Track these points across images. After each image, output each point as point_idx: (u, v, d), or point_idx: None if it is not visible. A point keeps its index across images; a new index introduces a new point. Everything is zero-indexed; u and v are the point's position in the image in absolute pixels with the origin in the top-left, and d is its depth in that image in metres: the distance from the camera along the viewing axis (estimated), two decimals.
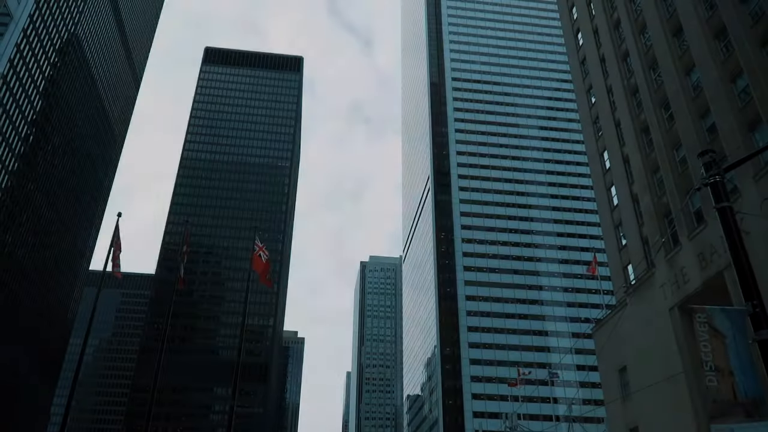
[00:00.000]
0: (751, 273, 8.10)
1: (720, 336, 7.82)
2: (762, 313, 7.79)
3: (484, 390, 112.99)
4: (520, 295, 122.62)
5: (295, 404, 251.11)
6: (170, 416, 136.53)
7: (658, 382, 32.24)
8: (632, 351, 40.27)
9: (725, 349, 7.72)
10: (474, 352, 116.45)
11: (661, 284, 37.70)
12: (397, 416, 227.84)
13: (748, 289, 7.98)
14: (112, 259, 28.51)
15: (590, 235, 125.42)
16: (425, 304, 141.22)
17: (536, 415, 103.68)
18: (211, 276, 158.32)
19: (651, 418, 37.84)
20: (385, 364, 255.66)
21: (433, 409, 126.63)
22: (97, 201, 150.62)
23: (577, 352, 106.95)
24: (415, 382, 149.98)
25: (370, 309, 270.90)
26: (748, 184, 28.94)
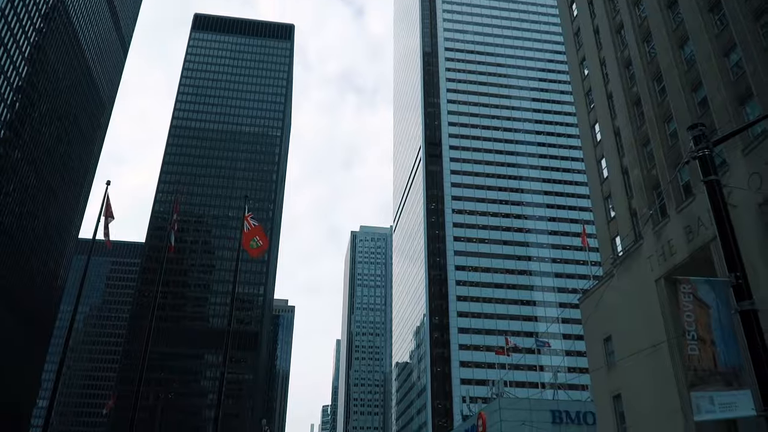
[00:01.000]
0: (736, 245, 8.29)
1: (704, 306, 8.03)
2: (745, 284, 8.00)
3: (472, 358, 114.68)
4: (509, 266, 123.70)
5: (285, 371, 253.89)
6: (161, 382, 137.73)
7: (642, 350, 32.90)
8: (618, 321, 40.97)
9: (708, 319, 7.94)
10: (462, 320, 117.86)
11: (648, 256, 38.20)
12: (386, 383, 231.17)
13: (732, 260, 8.17)
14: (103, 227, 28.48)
15: (579, 207, 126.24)
16: (415, 274, 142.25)
17: (522, 382, 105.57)
18: (201, 245, 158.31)
19: (634, 386, 38.71)
20: (375, 332, 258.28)
21: (422, 376, 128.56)
22: (86, 169, 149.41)
23: (563, 321, 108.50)
24: (404, 349, 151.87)
25: (360, 278, 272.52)
26: (737, 158, 29.19)
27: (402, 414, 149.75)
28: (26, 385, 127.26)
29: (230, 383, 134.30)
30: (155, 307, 27.48)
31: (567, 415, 68.45)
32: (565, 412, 68.87)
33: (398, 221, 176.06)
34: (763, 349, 7.60)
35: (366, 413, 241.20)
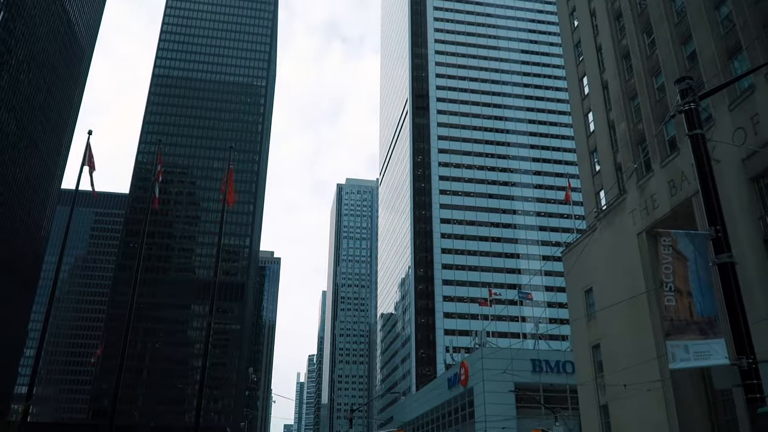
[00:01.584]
0: (717, 200, 8.41)
1: (682, 259, 8.19)
2: (724, 238, 8.16)
3: (456, 309, 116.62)
4: (494, 219, 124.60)
5: (271, 321, 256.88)
6: (149, 332, 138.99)
7: (622, 301, 33.62)
8: (599, 273, 41.70)
9: (686, 271, 8.11)
10: (447, 272, 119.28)
11: (631, 210, 38.63)
12: (371, 333, 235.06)
13: (712, 214, 8.30)
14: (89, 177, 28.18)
15: (565, 161, 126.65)
16: (400, 226, 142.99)
17: (504, 332, 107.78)
18: (186, 196, 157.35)
19: (612, 336, 39.69)
20: (360, 283, 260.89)
21: (406, 327, 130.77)
22: (66, 118, 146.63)
23: (546, 274, 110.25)
24: (389, 301, 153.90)
25: (346, 230, 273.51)
26: (723, 113, 29.26)
27: (387, 363, 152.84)
28: (13, 335, 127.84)
29: (217, 333, 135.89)
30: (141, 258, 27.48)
31: (547, 364, 70.25)
32: (545, 361, 70.67)
33: (384, 174, 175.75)
34: (738, 301, 7.80)
35: (351, 362, 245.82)
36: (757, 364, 7.34)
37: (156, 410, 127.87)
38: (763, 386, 7.23)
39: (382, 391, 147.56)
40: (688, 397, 34.15)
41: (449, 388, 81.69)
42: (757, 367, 7.31)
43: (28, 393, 23.06)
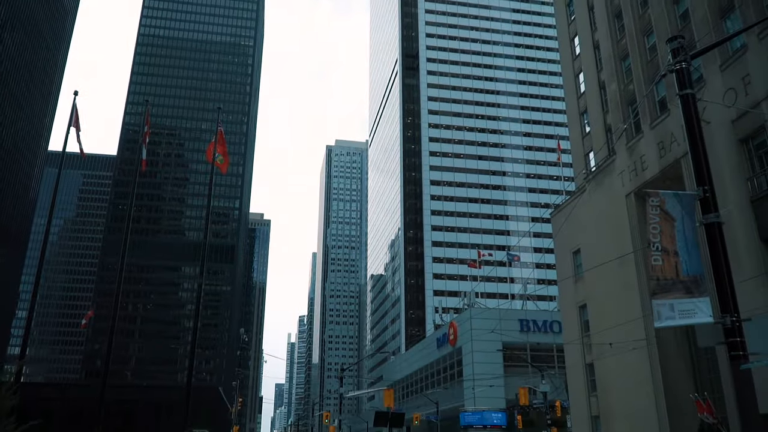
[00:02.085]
0: (706, 160, 8.42)
1: (670, 219, 8.25)
2: (711, 198, 8.20)
3: (445, 270, 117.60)
4: (484, 180, 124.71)
5: (261, 283, 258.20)
6: (140, 293, 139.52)
7: (609, 261, 33.99)
8: (587, 234, 42.03)
9: (673, 231, 8.18)
10: (436, 234, 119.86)
11: (620, 171, 38.75)
12: (360, 294, 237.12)
13: (701, 175, 8.33)
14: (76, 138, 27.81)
15: (555, 122, 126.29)
16: (390, 188, 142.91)
17: (493, 293, 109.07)
18: (174, 158, 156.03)
19: (599, 296, 40.27)
20: (350, 245, 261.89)
21: (396, 288, 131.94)
22: (52, 78, 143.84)
23: (534, 235, 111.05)
24: (379, 262, 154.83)
25: (335, 192, 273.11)
26: (714, 73, 29.15)
27: (376, 323, 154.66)
28: (4, 297, 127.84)
29: (208, 294, 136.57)
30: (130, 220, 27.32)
31: (534, 324, 71.38)
32: (532, 321, 71.79)
33: (374, 135, 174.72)
34: (724, 260, 7.89)
35: (341, 323, 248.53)
36: (740, 322, 7.47)
37: (148, 370, 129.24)
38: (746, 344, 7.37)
39: (372, 351, 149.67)
40: (672, 355, 34.89)
41: (438, 347, 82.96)
42: (741, 325, 7.44)
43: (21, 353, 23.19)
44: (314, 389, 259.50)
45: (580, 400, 42.97)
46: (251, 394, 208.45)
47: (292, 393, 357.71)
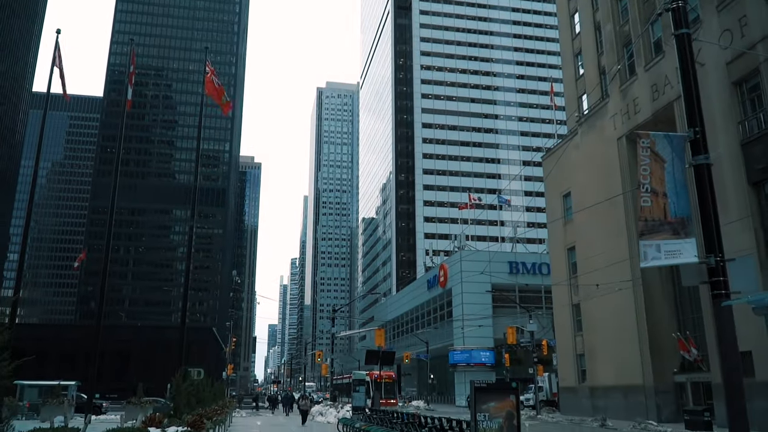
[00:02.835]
0: (698, 101, 8.41)
1: (660, 160, 8.30)
2: (702, 139, 8.23)
3: (436, 213, 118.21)
4: (476, 124, 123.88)
5: (253, 226, 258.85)
6: (131, 236, 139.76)
7: (599, 203, 34.28)
8: (577, 177, 42.21)
9: (663, 172, 8.24)
10: (428, 177, 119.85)
11: (612, 114, 38.60)
12: (352, 237, 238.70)
13: (692, 115, 8.33)
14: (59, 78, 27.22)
15: (549, 65, 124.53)
16: (382, 131, 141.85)
17: (483, 236, 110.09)
18: (162, 99, 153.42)
19: (587, 238, 40.79)
20: (342, 188, 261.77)
21: (387, 231, 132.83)
22: (33, 16, 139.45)
23: (526, 179, 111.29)
24: (371, 205, 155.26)
25: (326, 135, 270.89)
26: (711, 13, 28.72)
27: (368, 266, 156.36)
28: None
29: (200, 237, 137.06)
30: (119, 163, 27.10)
31: (523, 266, 72.43)
32: (521, 263, 72.81)
33: (365, 77, 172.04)
34: (711, 202, 7.99)
35: (333, 265, 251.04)
36: (724, 262, 7.63)
37: (142, 312, 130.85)
38: (728, 283, 7.55)
39: (364, 292, 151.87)
40: (656, 296, 35.70)
41: (428, 289, 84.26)
42: (725, 265, 7.61)
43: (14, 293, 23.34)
44: (306, 330, 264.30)
45: (566, 339, 44.11)
46: (245, 334, 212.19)
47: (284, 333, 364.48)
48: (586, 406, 39.94)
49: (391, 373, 52.74)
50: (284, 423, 32.92)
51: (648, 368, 34.78)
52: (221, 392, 29.87)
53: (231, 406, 33.04)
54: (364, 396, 35.08)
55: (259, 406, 54.55)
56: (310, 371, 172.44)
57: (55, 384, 30.22)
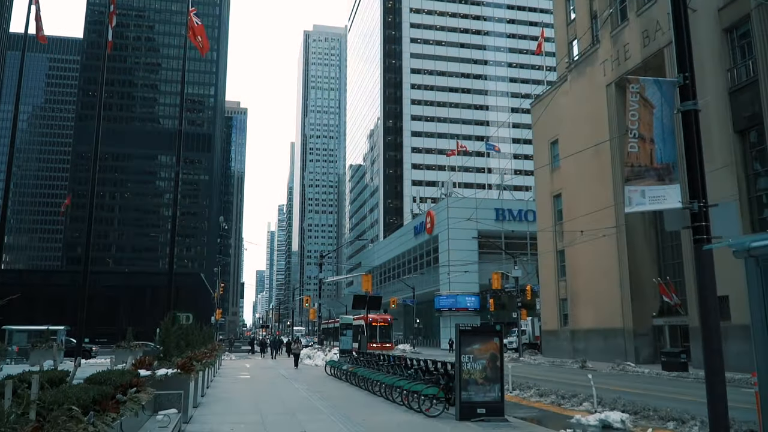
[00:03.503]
0: (689, 46, 8.34)
1: (649, 106, 8.27)
2: (691, 85, 8.20)
3: (424, 160, 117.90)
4: (465, 69, 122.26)
5: (240, 172, 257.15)
6: (116, 182, 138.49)
7: (586, 149, 34.34)
8: (565, 124, 42.09)
9: (651, 118, 8.23)
10: (416, 124, 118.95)
11: (602, 60, 38.24)
12: (339, 184, 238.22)
13: (683, 61, 8.27)
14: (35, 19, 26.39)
15: (540, 9, 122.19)
16: (370, 76, 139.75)
17: (470, 183, 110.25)
18: (145, 41, 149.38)
19: (573, 185, 41.02)
20: (329, 134, 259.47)
21: (374, 178, 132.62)
22: None
23: (513, 126, 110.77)
24: (358, 152, 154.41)
25: (313, 80, 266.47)
26: None
27: (355, 212, 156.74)
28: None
29: (186, 183, 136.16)
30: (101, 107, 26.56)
31: (509, 213, 72.95)
32: (508, 210, 73.29)
33: (353, 21, 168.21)
34: (697, 148, 8.03)
35: (321, 212, 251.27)
36: (707, 207, 7.73)
37: (129, 258, 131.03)
38: (710, 228, 7.66)
39: (351, 239, 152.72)
40: (638, 243, 36.24)
41: (415, 235, 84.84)
42: (707, 210, 7.71)
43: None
44: (294, 276, 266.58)
45: (550, 285, 44.90)
46: (232, 280, 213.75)
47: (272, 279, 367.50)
48: (567, 348, 41.02)
49: (387, 316, 53.18)
50: (273, 366, 33.58)
51: (628, 312, 35.63)
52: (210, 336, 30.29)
53: (220, 349, 33.58)
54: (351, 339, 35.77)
55: (254, 350, 54.61)
56: (298, 316, 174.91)
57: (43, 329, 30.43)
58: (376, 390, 16.79)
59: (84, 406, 5.21)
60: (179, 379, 11.63)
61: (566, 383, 20.78)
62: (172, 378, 11.36)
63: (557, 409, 15.22)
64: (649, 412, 12.95)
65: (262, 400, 15.79)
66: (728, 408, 7.18)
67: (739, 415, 10.05)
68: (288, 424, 11.52)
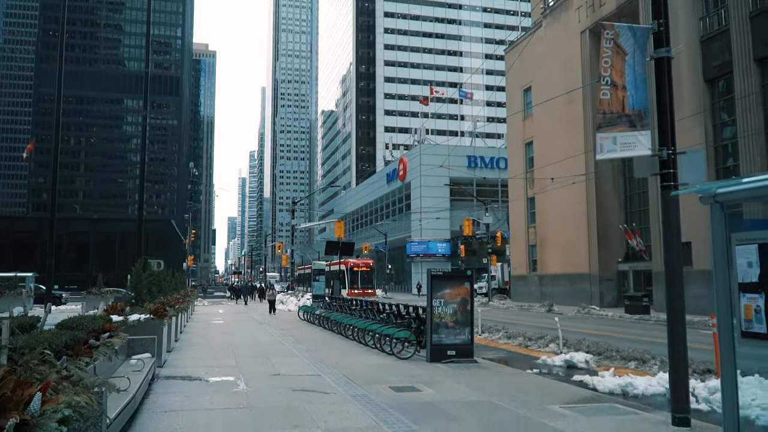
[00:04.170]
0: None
1: (622, 53, 8.26)
2: (665, 32, 8.19)
3: (396, 107, 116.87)
4: (439, 13, 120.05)
5: (209, 117, 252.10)
6: (81, 126, 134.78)
7: (558, 96, 34.38)
8: (539, 71, 41.95)
9: (624, 65, 8.23)
10: (389, 69, 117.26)
11: (577, 7, 37.88)
12: (311, 130, 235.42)
13: (657, 7, 8.23)
14: None
15: None
16: (342, 20, 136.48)
17: (443, 130, 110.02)
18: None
19: (545, 133, 41.23)
20: (300, 79, 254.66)
21: (347, 124, 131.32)
22: None
23: (487, 73, 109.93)
24: (330, 97, 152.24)
25: (284, 23, 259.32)
26: None
27: (327, 159, 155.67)
28: None
29: (154, 128, 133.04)
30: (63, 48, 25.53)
31: (482, 160, 73.24)
32: (480, 157, 73.55)
33: None
34: (668, 95, 8.09)
35: (292, 158, 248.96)
36: (675, 155, 7.84)
37: (97, 204, 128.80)
38: (678, 175, 7.80)
39: (323, 185, 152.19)
40: (607, 190, 36.84)
41: (388, 182, 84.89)
42: (676, 157, 7.83)
43: None
44: (266, 222, 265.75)
45: (520, 231, 45.61)
46: (204, 226, 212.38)
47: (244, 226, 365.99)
48: (535, 293, 42.05)
49: (368, 261, 52.64)
50: (245, 311, 33.85)
51: (594, 258, 36.51)
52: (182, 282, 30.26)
53: (193, 295, 33.63)
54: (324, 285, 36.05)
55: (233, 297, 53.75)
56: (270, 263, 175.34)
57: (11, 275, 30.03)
58: (348, 334, 17.08)
59: (56, 350, 5.20)
60: (152, 324, 11.66)
61: (533, 326, 21.40)
62: (145, 323, 11.38)
63: (525, 351, 15.71)
64: (611, 353, 13.46)
65: (236, 344, 15.97)
66: (687, 348, 7.49)
67: (696, 355, 10.51)
68: (262, 366, 11.70)
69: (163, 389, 9.19)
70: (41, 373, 3.80)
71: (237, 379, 10.25)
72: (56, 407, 3.23)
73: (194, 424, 7.01)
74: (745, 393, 7.86)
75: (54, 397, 3.31)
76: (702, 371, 10.61)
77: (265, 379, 10.21)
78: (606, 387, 9.88)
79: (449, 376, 10.60)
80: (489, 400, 8.50)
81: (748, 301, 3.83)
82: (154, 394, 8.72)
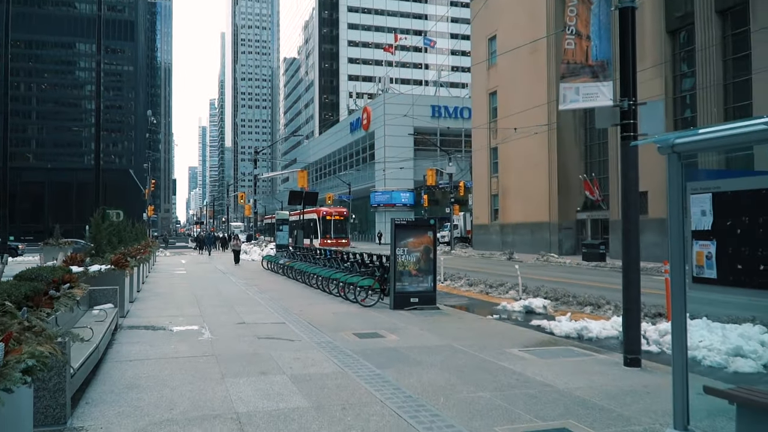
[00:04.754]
0: None
1: (587, 2, 8.25)
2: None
3: (360, 54, 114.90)
4: None
5: (167, 64, 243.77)
6: (31, 72, 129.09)
7: (523, 45, 34.28)
8: (505, 20, 41.63)
9: (589, 15, 8.23)
10: (353, 16, 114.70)
11: None
12: (273, 77, 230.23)
13: None
14: None
15: None
16: None
17: (407, 79, 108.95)
18: None
19: (509, 83, 41.25)
20: (261, 25, 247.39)
21: (309, 72, 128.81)
22: None
23: (452, 21, 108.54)
24: (292, 44, 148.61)
25: None
26: None
27: (290, 108, 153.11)
28: None
29: (108, 74, 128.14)
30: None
31: (446, 110, 73.07)
32: (444, 107, 73.35)
33: None
34: (631, 46, 8.15)
35: (254, 107, 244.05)
36: (636, 105, 7.95)
37: (51, 153, 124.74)
38: (638, 126, 7.93)
39: (286, 134, 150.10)
40: (568, 141, 37.30)
41: (351, 132, 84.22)
42: (637, 108, 7.94)
43: None
44: (228, 172, 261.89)
45: (482, 181, 46.05)
46: (164, 176, 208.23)
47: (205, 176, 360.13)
48: (497, 241, 42.83)
49: (342, 209, 51.73)
50: (208, 261, 33.67)
51: (554, 207, 37.23)
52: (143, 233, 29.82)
53: (155, 246, 33.23)
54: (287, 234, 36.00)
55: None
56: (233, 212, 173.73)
57: None
58: (312, 283, 17.20)
59: (17, 302, 5.12)
60: (113, 275, 11.54)
61: (494, 274, 21.88)
62: (106, 274, 11.26)
63: (485, 297, 16.10)
64: (568, 299, 13.91)
65: (200, 294, 15.95)
66: (640, 293, 7.79)
67: (648, 299, 10.94)
68: (227, 315, 11.75)
69: (126, 339, 9.18)
70: (2, 324, 3.76)
71: (201, 328, 10.29)
72: (20, 357, 3.21)
73: (159, 372, 7.05)
74: (694, 335, 8.24)
75: (17, 348, 3.28)
76: (653, 315, 11.08)
77: (230, 328, 10.28)
78: (562, 331, 10.25)
79: (412, 322, 10.83)
80: (451, 345, 8.75)
81: (700, 248, 3.98)
82: (117, 344, 8.71)
